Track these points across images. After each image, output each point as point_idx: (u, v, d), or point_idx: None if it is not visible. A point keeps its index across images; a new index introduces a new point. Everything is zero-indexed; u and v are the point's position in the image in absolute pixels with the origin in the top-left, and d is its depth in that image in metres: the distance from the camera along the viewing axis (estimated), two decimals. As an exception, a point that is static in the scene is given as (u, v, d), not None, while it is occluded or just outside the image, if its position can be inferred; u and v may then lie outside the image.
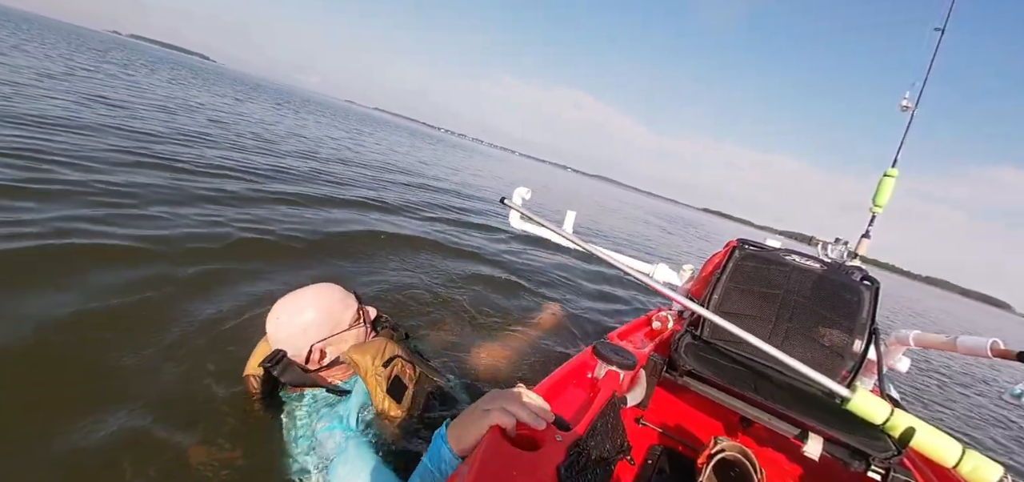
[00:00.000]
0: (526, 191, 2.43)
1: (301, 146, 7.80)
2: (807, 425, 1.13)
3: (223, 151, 5.24)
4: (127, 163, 3.63)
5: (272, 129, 9.10)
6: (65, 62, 10.47)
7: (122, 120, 5.29)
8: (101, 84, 8.26)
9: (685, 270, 2.39)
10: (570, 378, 1.14)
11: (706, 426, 1.57)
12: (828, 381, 1.01)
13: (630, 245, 8.77)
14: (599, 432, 0.87)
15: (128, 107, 6.54)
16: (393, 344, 1.19)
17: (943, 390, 4.83)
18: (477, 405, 0.75)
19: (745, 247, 1.77)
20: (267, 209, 3.47)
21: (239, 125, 8.10)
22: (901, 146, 2.34)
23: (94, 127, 4.56)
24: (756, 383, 1.29)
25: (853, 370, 1.42)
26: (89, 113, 5.25)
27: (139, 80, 11.27)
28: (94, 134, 4.28)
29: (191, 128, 6.21)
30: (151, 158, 3.96)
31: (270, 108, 15.23)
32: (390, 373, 1.12)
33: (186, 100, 9.75)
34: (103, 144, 3.98)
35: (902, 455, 1.06)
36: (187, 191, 3.32)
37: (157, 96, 8.99)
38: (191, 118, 7.21)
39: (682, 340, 1.46)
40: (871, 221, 2.28)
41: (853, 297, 1.53)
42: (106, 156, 3.62)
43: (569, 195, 19.06)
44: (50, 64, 9.09)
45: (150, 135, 4.98)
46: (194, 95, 11.60)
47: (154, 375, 1.43)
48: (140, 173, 3.46)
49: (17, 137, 3.44)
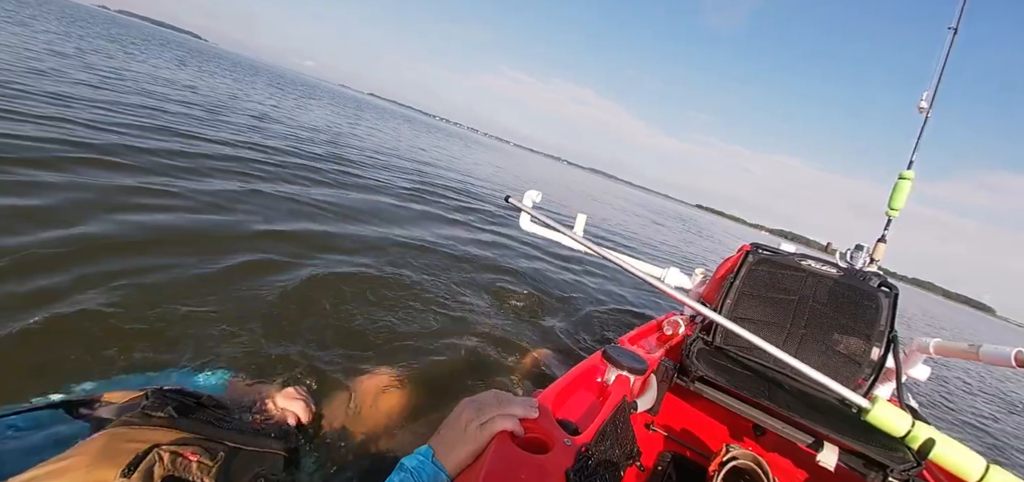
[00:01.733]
0: (536, 194, 2.42)
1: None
2: (822, 434, 1.11)
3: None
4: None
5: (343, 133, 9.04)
6: (77, 43, 10.36)
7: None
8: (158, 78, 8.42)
9: (697, 274, 2.36)
10: (580, 382, 1.14)
11: (717, 433, 1.54)
12: (847, 391, 0.99)
13: (612, 235, 8.70)
14: (608, 437, 0.86)
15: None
16: (148, 431, 0.77)
17: (953, 397, 4.73)
18: (460, 418, 0.68)
19: (759, 252, 1.75)
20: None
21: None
22: (916, 147, 2.29)
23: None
24: (770, 390, 1.27)
25: (871, 379, 1.38)
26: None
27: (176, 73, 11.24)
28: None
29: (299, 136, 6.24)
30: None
31: (302, 102, 15.40)
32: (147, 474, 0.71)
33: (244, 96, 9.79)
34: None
35: (921, 467, 1.03)
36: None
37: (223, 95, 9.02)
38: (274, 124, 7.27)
39: (694, 345, 1.45)
40: (887, 225, 2.24)
41: (871, 304, 1.49)
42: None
43: (562, 187, 19.20)
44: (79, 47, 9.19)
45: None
46: (254, 94, 11.73)
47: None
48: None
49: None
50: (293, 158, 5.37)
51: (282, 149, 5.71)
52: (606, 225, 9.95)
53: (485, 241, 4.49)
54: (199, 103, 7.30)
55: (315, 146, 6.84)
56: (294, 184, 4.29)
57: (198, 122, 5.68)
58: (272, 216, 3.19)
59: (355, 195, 4.65)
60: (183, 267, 2.11)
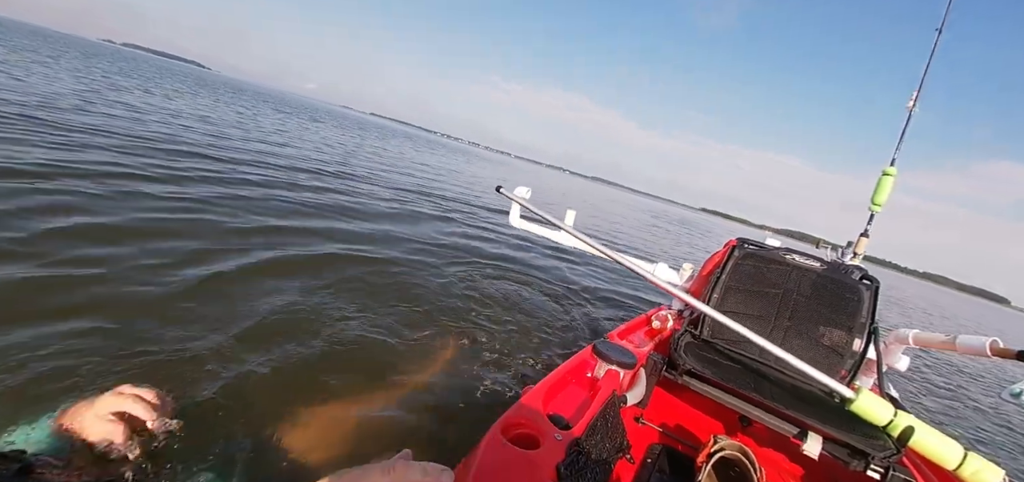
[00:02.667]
0: (526, 190, 2.42)
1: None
2: (806, 424, 1.13)
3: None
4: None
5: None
6: (91, 78, 10.40)
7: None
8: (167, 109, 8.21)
9: (685, 269, 2.39)
10: (570, 377, 1.14)
11: (706, 425, 1.57)
12: (832, 382, 1.01)
13: (613, 237, 8.69)
14: (599, 431, 0.87)
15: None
16: None
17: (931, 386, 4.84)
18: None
19: (745, 246, 1.77)
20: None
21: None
22: (899, 144, 2.35)
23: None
24: (756, 382, 1.29)
25: (852, 369, 1.42)
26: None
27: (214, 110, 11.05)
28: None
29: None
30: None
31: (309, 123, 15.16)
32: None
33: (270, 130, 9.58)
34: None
35: (901, 454, 1.06)
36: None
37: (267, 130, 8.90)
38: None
39: (682, 339, 1.46)
40: (870, 220, 2.29)
41: (853, 296, 1.53)
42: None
43: (562, 194, 19.12)
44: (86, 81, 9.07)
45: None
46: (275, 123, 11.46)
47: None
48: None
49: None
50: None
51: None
52: (625, 239, 9.77)
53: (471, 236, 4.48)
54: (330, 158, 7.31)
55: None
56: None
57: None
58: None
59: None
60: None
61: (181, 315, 1.78)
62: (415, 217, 4.91)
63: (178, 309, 1.82)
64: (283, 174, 5.14)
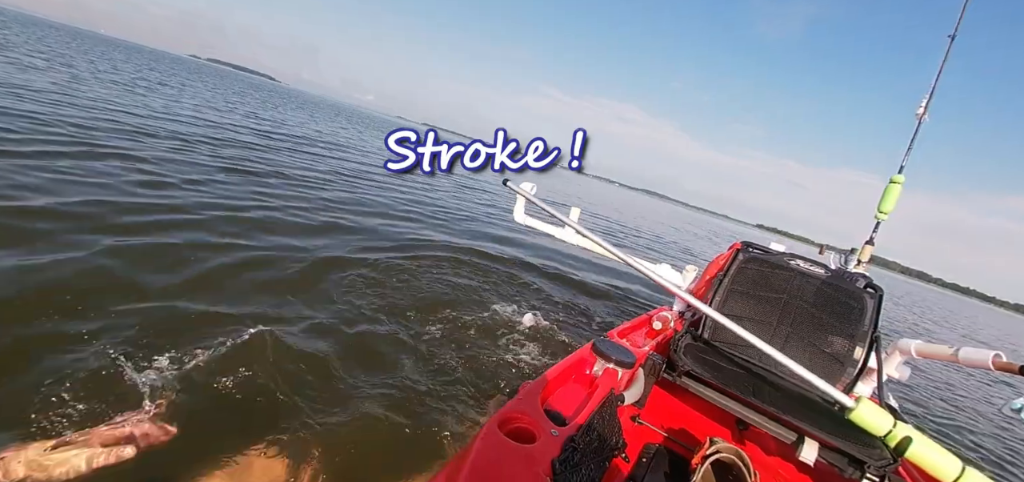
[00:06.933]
0: (531, 186, 2.41)
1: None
2: (803, 430, 1.13)
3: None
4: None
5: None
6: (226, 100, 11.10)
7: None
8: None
9: (688, 271, 2.38)
10: (569, 374, 1.15)
11: (703, 427, 1.57)
12: (831, 389, 1.00)
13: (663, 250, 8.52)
14: (595, 428, 0.87)
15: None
16: None
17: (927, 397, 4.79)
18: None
19: (749, 250, 1.76)
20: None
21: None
22: (908, 152, 2.31)
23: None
24: (755, 387, 1.29)
25: (853, 378, 1.41)
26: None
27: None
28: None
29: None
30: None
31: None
32: None
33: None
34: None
35: (898, 465, 1.06)
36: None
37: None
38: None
39: (682, 340, 1.46)
40: (875, 227, 2.26)
41: (856, 304, 1.52)
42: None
43: (617, 207, 18.76)
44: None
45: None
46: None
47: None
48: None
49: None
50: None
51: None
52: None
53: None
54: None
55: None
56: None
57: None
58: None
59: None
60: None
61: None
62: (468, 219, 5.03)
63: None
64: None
